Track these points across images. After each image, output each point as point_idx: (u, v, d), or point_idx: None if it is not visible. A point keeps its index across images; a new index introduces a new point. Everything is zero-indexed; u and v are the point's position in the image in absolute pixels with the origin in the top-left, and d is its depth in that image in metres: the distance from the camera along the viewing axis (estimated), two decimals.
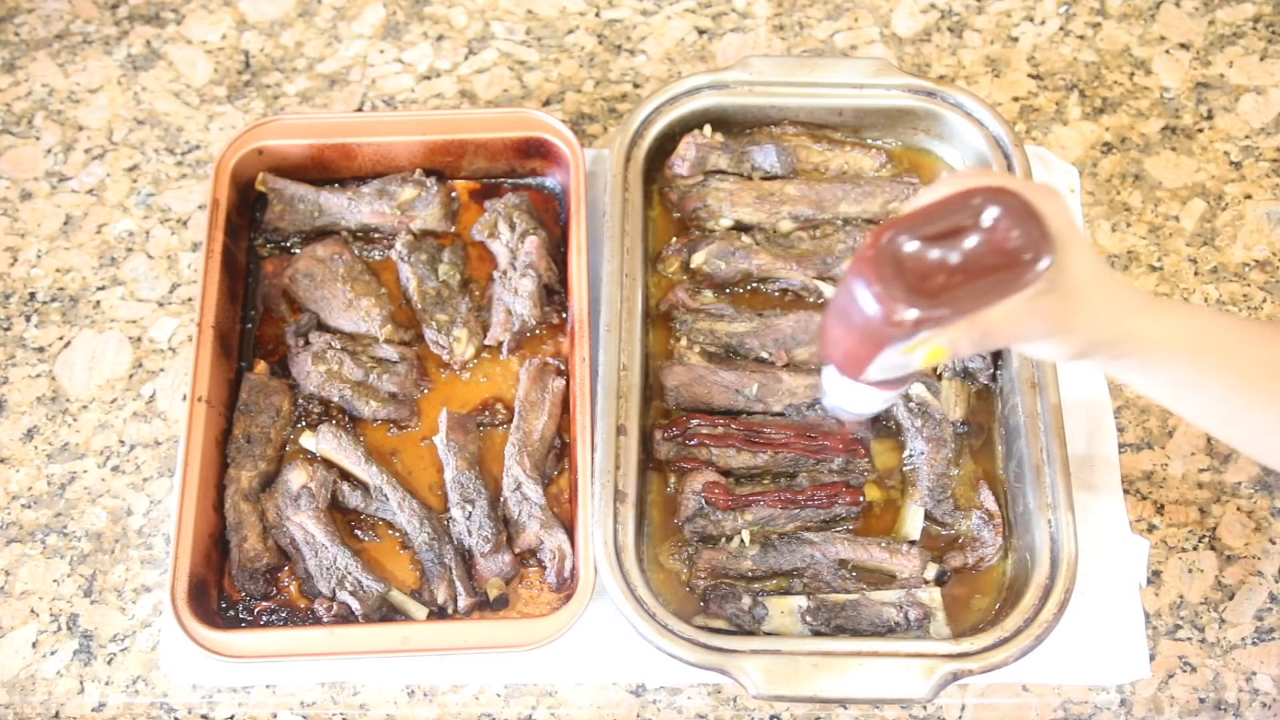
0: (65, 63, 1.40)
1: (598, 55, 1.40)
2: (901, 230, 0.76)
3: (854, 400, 0.91)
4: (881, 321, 0.76)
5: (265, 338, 1.24)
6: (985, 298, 0.76)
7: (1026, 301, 0.78)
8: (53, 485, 1.18)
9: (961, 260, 0.75)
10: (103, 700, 1.10)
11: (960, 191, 0.78)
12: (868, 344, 0.79)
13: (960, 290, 0.75)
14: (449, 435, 1.14)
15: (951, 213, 0.76)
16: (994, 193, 0.77)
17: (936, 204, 0.77)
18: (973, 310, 0.76)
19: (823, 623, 1.07)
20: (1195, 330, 0.86)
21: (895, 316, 0.75)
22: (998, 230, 0.75)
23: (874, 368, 0.81)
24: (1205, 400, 0.88)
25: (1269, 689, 1.10)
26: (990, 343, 0.80)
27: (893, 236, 0.76)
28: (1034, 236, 0.76)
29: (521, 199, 1.26)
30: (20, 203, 1.32)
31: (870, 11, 1.43)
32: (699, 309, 1.21)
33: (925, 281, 0.75)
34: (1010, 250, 0.75)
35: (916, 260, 0.75)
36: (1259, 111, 1.36)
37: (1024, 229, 0.76)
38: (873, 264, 0.75)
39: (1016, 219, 0.76)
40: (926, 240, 0.75)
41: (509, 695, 1.10)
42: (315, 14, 1.43)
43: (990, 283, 0.75)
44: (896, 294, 0.74)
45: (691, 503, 1.12)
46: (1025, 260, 0.75)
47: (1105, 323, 0.83)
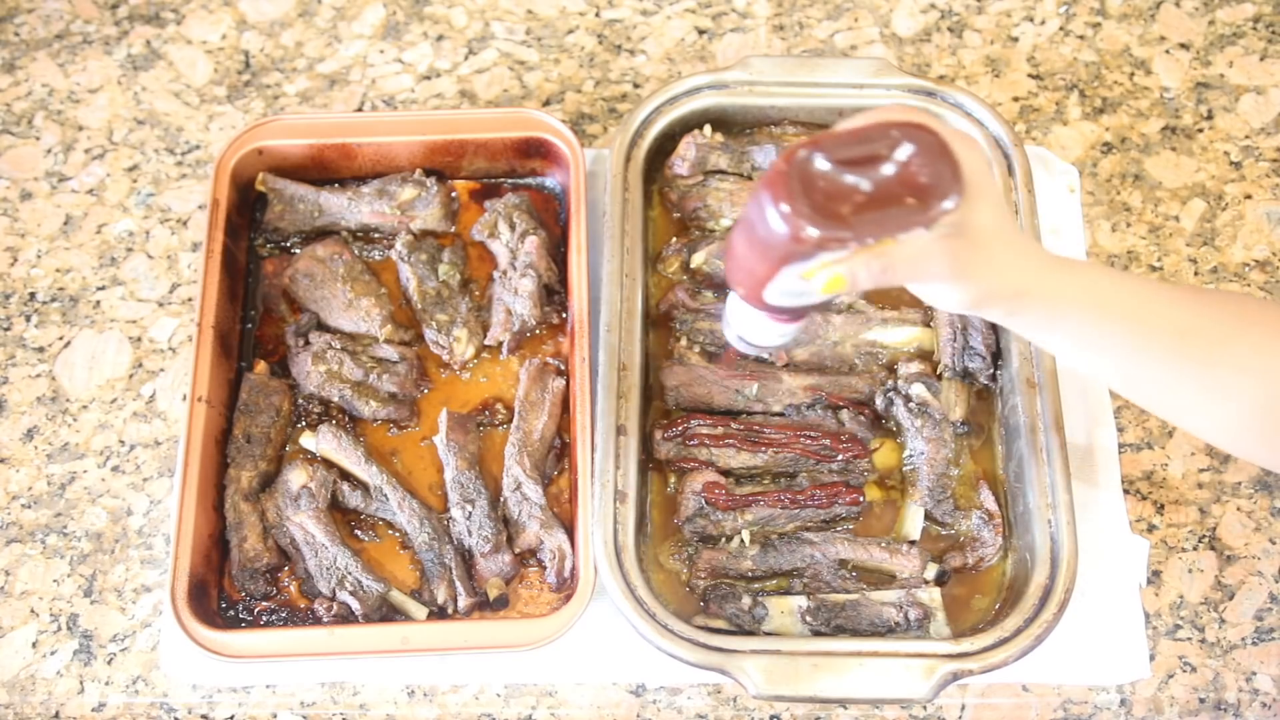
0: (65, 63, 1.40)
1: (598, 55, 1.40)
2: (816, 150, 0.77)
3: (754, 331, 0.93)
4: (785, 238, 0.77)
5: (265, 338, 1.24)
6: (888, 227, 0.77)
7: (930, 242, 0.80)
8: (53, 485, 1.18)
9: (870, 187, 0.76)
10: (103, 700, 1.10)
11: (882, 122, 0.79)
12: (768, 260, 0.80)
13: (865, 216, 0.76)
14: (449, 435, 1.14)
15: (868, 140, 0.78)
16: (913, 128, 0.78)
17: (855, 130, 0.79)
18: (874, 238, 0.77)
19: (823, 623, 1.07)
20: (1098, 289, 0.87)
21: (798, 233, 0.76)
22: (910, 164, 0.77)
23: (773, 289, 0.82)
24: (1107, 359, 0.88)
25: (1269, 689, 1.10)
26: (889, 278, 0.81)
27: (806, 155, 0.77)
28: (944, 176, 0.77)
29: (521, 199, 1.26)
30: (20, 203, 1.32)
31: (870, 11, 1.43)
32: (699, 309, 1.21)
33: (831, 203, 0.76)
34: (919, 185, 0.77)
35: (826, 181, 0.76)
36: (1259, 111, 1.36)
37: (935, 167, 0.77)
38: (783, 180, 0.76)
39: (930, 156, 0.77)
40: (839, 164, 0.77)
41: (509, 695, 1.10)
42: (315, 14, 1.43)
43: (895, 213, 0.77)
44: (802, 211, 0.75)
45: (691, 503, 1.12)
46: (932, 197, 0.77)
47: (1006, 274, 0.84)
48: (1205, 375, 0.85)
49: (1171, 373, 0.86)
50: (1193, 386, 0.86)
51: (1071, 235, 1.28)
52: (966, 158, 0.80)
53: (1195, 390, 0.86)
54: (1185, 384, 0.86)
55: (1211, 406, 0.86)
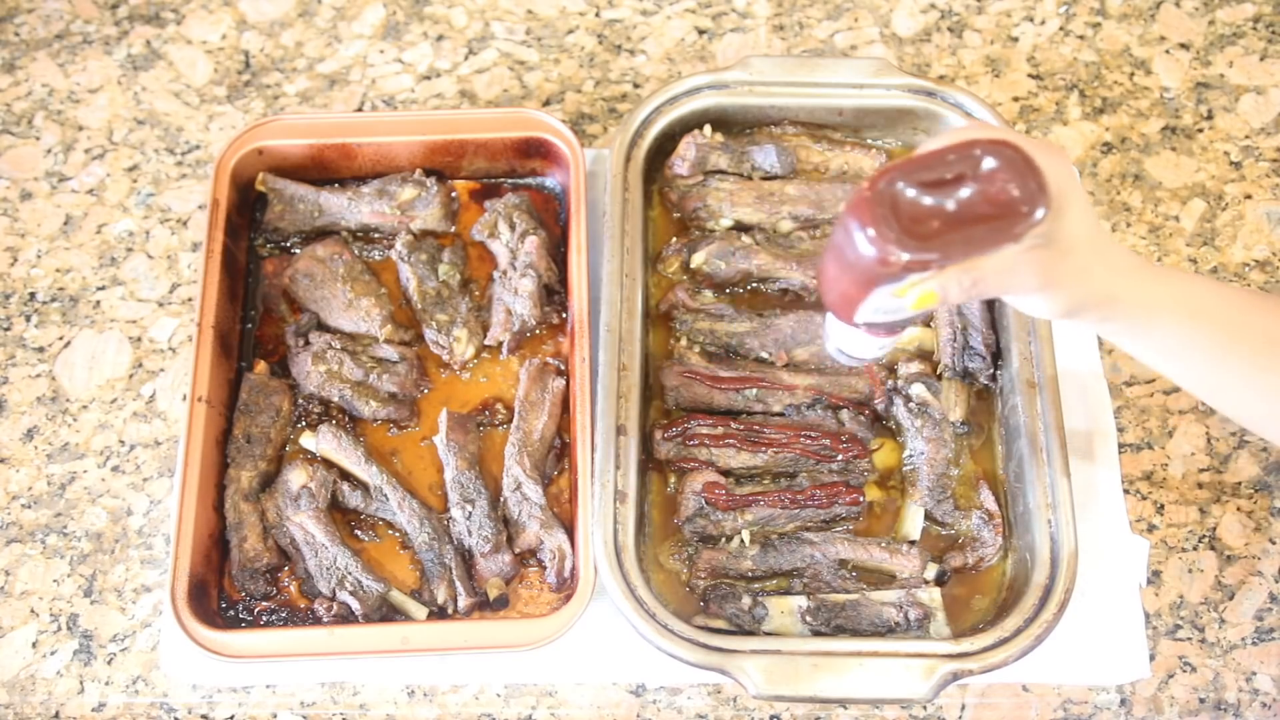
0: (65, 63, 1.40)
1: (598, 55, 1.40)
2: (900, 174, 0.77)
3: (852, 345, 0.94)
4: (873, 262, 0.77)
5: (265, 338, 1.24)
6: (977, 246, 0.77)
7: (1019, 254, 0.80)
8: (53, 485, 1.18)
9: (956, 207, 0.77)
10: (103, 700, 1.10)
11: (963, 141, 0.79)
12: (860, 284, 0.81)
13: (952, 236, 0.77)
14: (449, 435, 1.14)
15: (951, 161, 0.78)
16: (995, 144, 0.78)
17: (938, 151, 0.79)
18: (963, 257, 0.78)
19: (823, 623, 1.07)
20: (1188, 296, 0.87)
21: (887, 257, 0.76)
22: (995, 180, 0.77)
23: (866, 308, 0.83)
24: (1196, 367, 0.88)
25: (1269, 689, 1.10)
26: (980, 291, 0.81)
27: (891, 180, 0.77)
28: (1030, 189, 0.77)
29: (521, 199, 1.26)
30: (20, 203, 1.32)
31: (870, 11, 1.43)
32: (699, 309, 1.21)
33: (918, 225, 0.76)
34: (1005, 201, 0.77)
35: (911, 204, 0.77)
36: (1259, 111, 1.36)
37: (1021, 181, 0.77)
38: (869, 205, 0.77)
39: (1015, 171, 0.77)
40: (923, 186, 0.77)
41: (509, 695, 1.10)
42: (315, 14, 1.43)
43: (983, 231, 0.77)
44: (889, 236, 0.76)
45: (691, 503, 1.12)
46: (1019, 212, 0.77)
47: (1096, 282, 0.84)
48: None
49: (1258, 382, 0.86)
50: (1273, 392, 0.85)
51: None
52: (1052, 168, 0.79)
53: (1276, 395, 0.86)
54: (1273, 394, 0.86)
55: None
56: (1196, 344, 0.86)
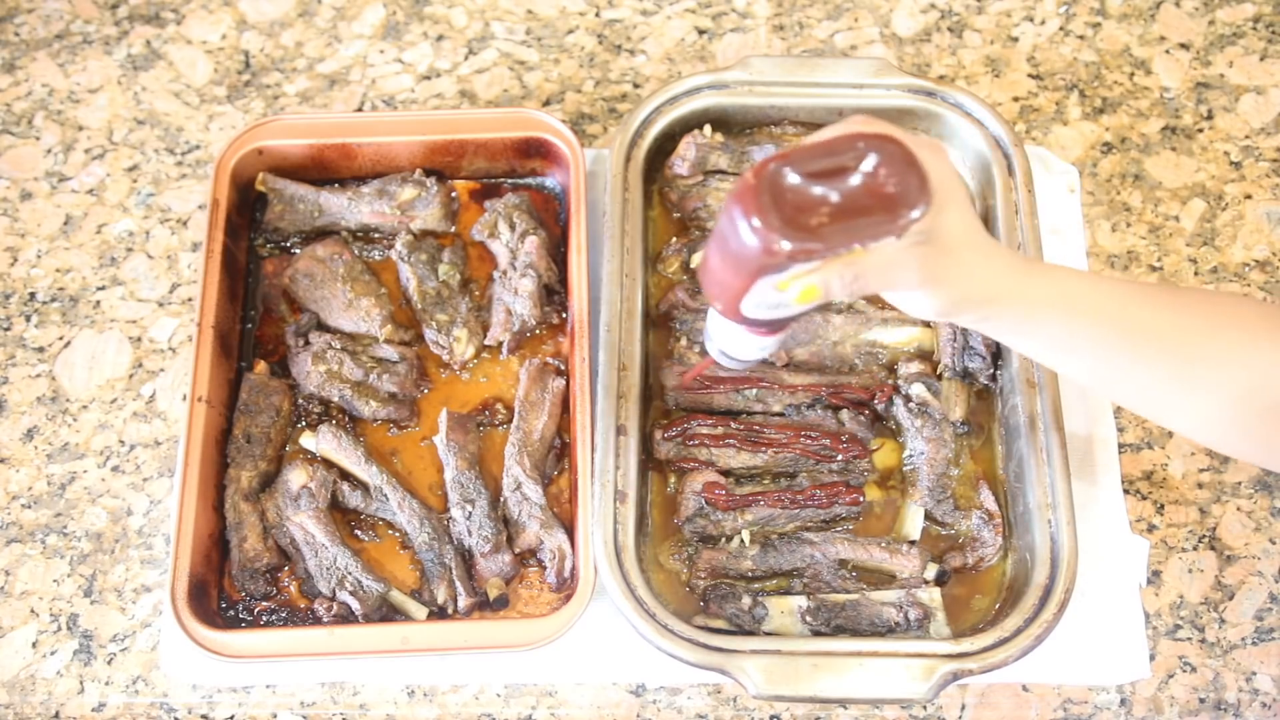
0: (65, 63, 1.40)
1: (598, 55, 1.40)
2: (784, 164, 0.78)
3: (734, 345, 0.94)
4: (757, 251, 0.78)
5: (265, 338, 1.24)
6: (857, 237, 0.78)
7: (900, 250, 0.81)
8: (53, 485, 1.18)
9: (839, 199, 0.78)
10: (103, 700, 1.10)
11: (847, 134, 0.81)
12: (742, 274, 0.81)
13: (834, 227, 0.77)
14: (449, 435, 1.14)
15: (836, 153, 0.79)
16: (878, 139, 0.79)
17: (822, 143, 0.80)
18: (845, 248, 0.78)
19: (823, 623, 1.07)
20: (1069, 292, 0.88)
21: (770, 246, 0.77)
22: (877, 174, 0.78)
23: (749, 302, 0.83)
24: (1082, 361, 0.89)
25: (1269, 689, 1.10)
26: (861, 286, 0.82)
27: (775, 169, 0.78)
28: (911, 185, 0.78)
29: (521, 199, 1.26)
30: (20, 203, 1.32)
31: (870, 11, 1.43)
32: (699, 309, 1.21)
33: (801, 215, 0.77)
34: (886, 195, 0.78)
35: (795, 194, 0.78)
36: (1259, 111, 1.36)
37: (902, 177, 0.78)
38: (753, 193, 0.78)
39: (896, 166, 0.78)
40: (807, 176, 0.78)
41: (509, 695, 1.10)
42: (315, 14, 1.43)
43: (864, 224, 0.78)
44: (772, 224, 0.77)
45: (691, 503, 1.12)
46: (900, 207, 0.78)
47: (977, 280, 0.85)
48: (1180, 372, 0.86)
49: (1146, 372, 0.87)
50: (1169, 385, 0.87)
51: (1071, 235, 1.28)
52: (934, 166, 0.81)
53: (1171, 388, 0.87)
54: (1161, 383, 0.87)
55: (1189, 403, 0.87)
56: (1079, 338, 0.87)
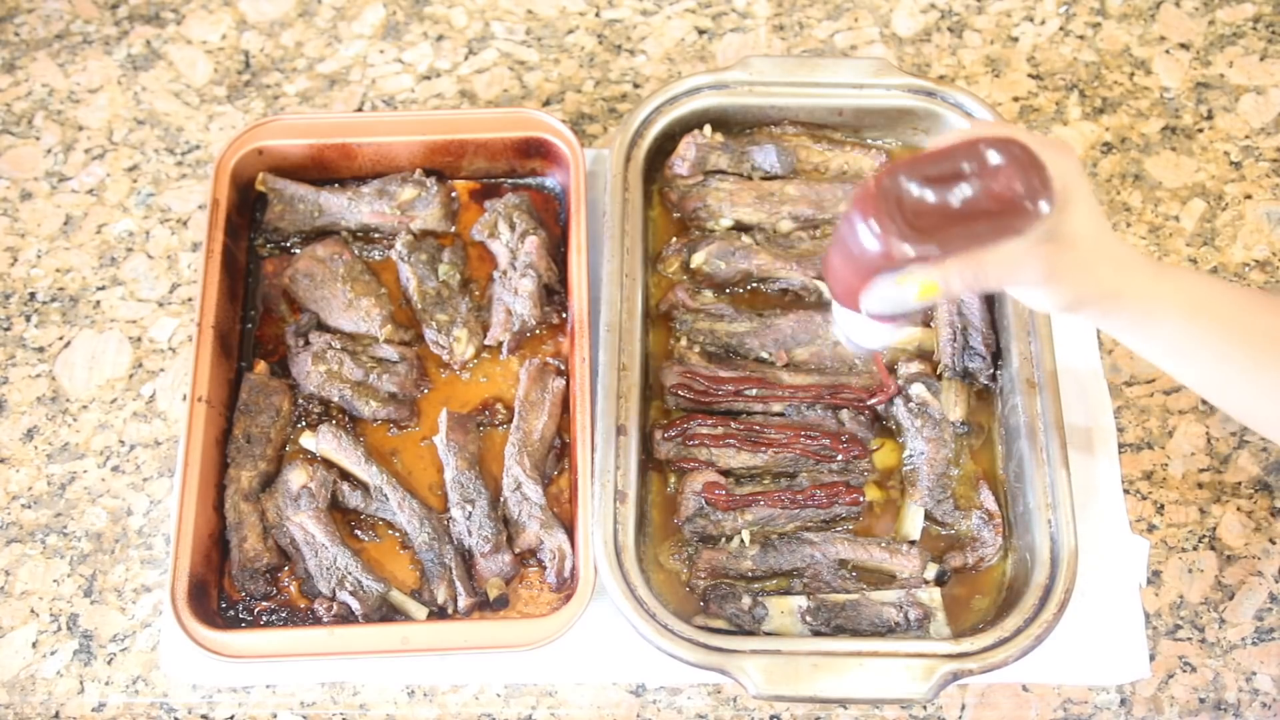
0: (65, 63, 1.40)
1: (598, 55, 1.40)
2: (905, 170, 0.79)
3: (858, 333, 0.95)
4: (877, 255, 0.80)
5: (265, 338, 1.24)
6: (978, 240, 0.79)
7: (1023, 248, 0.81)
8: (53, 485, 1.18)
9: (960, 204, 0.79)
10: (103, 700, 1.10)
11: (969, 139, 0.81)
12: (862, 274, 0.83)
13: (954, 230, 0.79)
14: (449, 435, 1.14)
15: (957, 158, 0.80)
16: (1001, 142, 0.80)
17: (944, 150, 0.81)
18: (965, 250, 0.80)
19: (823, 623, 1.07)
20: (1190, 293, 0.87)
21: (890, 251, 0.79)
22: (999, 177, 0.79)
23: (870, 297, 0.85)
24: (1200, 365, 0.89)
25: (1269, 689, 1.10)
26: (982, 283, 0.82)
27: (895, 175, 0.79)
28: (1034, 186, 0.79)
29: (521, 199, 1.26)
30: (20, 203, 1.32)
31: (870, 11, 1.43)
32: (699, 309, 1.21)
33: (921, 219, 0.78)
34: (1009, 198, 0.78)
35: (915, 199, 0.79)
36: (1259, 111, 1.36)
37: (1025, 178, 0.79)
38: (873, 199, 0.79)
39: (1019, 168, 0.79)
40: (928, 181, 0.79)
41: (509, 695, 1.10)
42: (315, 14, 1.43)
43: (985, 227, 0.79)
44: (890, 229, 0.78)
45: (691, 503, 1.12)
46: (1023, 208, 0.79)
47: (1099, 277, 0.85)
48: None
49: (1261, 381, 0.86)
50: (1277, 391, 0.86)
51: None
52: (1058, 164, 0.80)
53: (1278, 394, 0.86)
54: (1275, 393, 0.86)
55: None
56: (1198, 342, 0.87)
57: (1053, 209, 0.78)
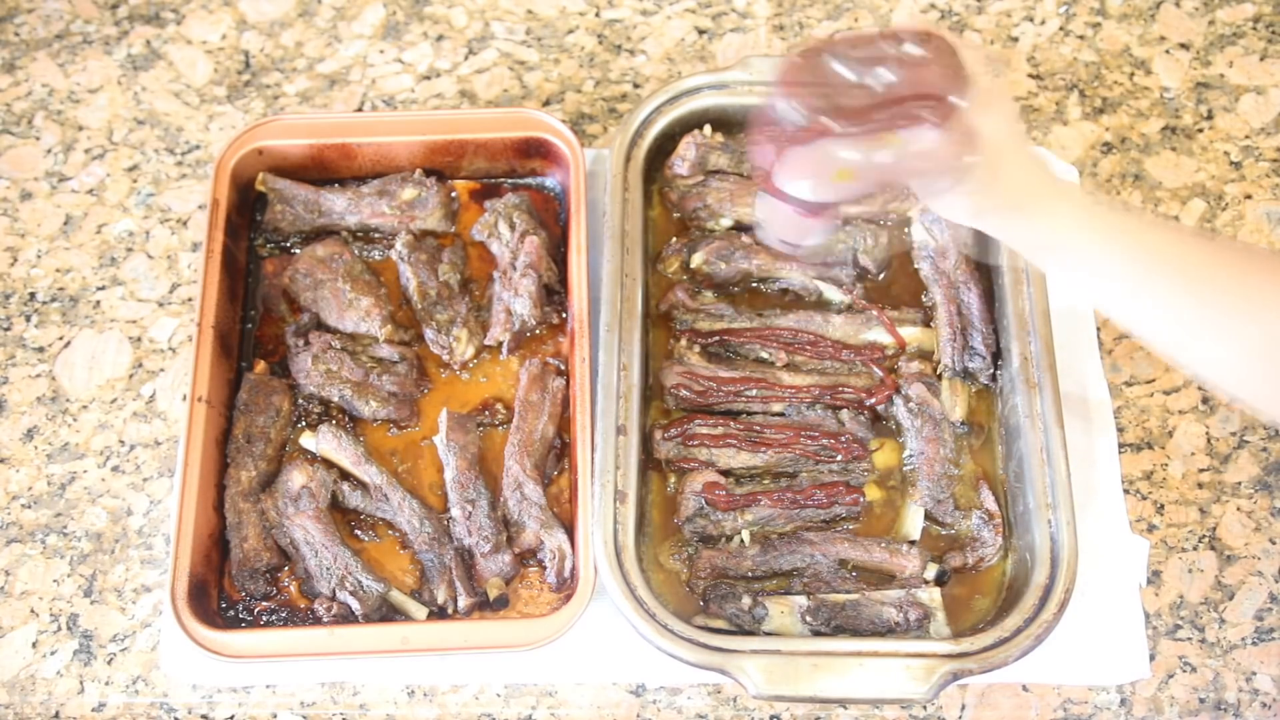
0: (65, 63, 1.40)
1: (598, 55, 1.40)
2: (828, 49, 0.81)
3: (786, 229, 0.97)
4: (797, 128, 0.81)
5: (265, 338, 1.24)
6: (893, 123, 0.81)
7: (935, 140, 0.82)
8: (53, 485, 1.18)
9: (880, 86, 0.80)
10: (103, 700, 1.10)
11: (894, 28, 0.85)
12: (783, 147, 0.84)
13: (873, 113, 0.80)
14: (449, 435, 1.14)
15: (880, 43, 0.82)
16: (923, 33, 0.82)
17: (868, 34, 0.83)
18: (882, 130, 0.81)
19: (823, 623, 1.07)
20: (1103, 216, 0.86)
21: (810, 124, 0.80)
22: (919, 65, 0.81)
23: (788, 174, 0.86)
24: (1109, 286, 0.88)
25: (1269, 689, 1.10)
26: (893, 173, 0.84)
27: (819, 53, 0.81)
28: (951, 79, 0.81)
29: (521, 199, 1.26)
30: (20, 203, 1.32)
31: (870, 11, 1.43)
32: (699, 309, 1.21)
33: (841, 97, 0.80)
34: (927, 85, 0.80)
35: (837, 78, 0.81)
36: (1259, 111, 1.36)
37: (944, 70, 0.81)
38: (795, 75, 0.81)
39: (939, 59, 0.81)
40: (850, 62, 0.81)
41: (509, 695, 1.10)
42: (315, 14, 1.43)
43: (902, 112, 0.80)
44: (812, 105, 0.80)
45: (691, 503, 1.12)
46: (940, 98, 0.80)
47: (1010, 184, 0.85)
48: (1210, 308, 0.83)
49: (1174, 307, 0.85)
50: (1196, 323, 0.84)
51: None
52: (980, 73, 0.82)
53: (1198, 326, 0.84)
54: (1188, 319, 0.84)
55: (1214, 345, 0.85)
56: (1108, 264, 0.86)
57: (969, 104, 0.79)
